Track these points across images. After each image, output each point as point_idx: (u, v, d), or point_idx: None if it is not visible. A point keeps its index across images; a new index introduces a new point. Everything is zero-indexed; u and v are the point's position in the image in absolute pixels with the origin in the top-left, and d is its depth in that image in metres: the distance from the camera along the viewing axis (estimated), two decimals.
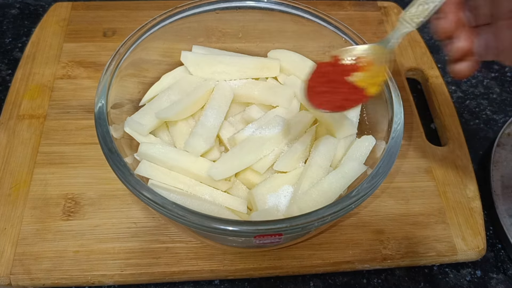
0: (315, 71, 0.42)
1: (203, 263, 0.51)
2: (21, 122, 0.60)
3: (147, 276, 0.50)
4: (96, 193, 0.55)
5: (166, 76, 0.57)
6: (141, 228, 0.52)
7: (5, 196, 0.54)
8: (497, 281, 0.55)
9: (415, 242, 0.54)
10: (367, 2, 0.79)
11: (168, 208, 0.40)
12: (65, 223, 0.52)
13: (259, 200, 0.47)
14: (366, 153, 0.51)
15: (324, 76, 0.41)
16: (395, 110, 0.48)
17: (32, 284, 0.49)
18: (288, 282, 0.53)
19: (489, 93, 0.73)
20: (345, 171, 0.49)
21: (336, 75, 0.41)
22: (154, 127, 0.52)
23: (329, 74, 0.42)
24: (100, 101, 0.46)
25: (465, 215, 0.56)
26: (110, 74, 0.48)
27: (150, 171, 0.49)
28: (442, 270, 0.55)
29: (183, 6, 0.55)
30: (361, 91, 0.41)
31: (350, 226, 0.54)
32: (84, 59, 0.67)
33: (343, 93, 0.41)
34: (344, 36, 0.55)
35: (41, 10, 0.78)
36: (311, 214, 0.40)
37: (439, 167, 0.60)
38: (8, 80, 0.68)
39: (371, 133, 0.52)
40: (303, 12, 0.56)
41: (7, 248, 0.50)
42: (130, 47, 0.51)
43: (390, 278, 0.54)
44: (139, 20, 0.71)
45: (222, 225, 0.39)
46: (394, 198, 0.57)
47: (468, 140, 0.63)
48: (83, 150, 0.58)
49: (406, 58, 0.71)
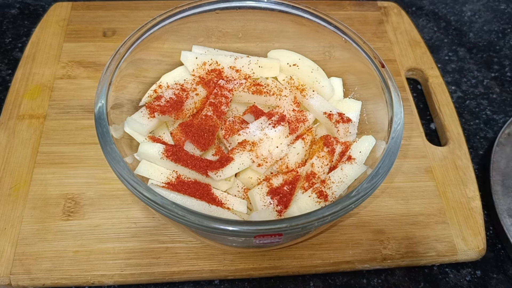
0: None
1: (203, 263, 0.51)
2: (21, 122, 0.60)
3: (147, 276, 0.50)
4: (96, 193, 0.55)
5: (166, 76, 0.57)
6: (141, 228, 0.52)
7: (5, 196, 0.54)
8: (497, 281, 0.55)
9: (415, 242, 0.54)
10: (367, 2, 0.79)
11: (168, 208, 0.40)
12: (65, 223, 0.52)
13: (259, 200, 0.47)
14: (366, 153, 0.51)
15: None
16: (395, 110, 0.48)
17: (32, 284, 0.49)
18: (288, 282, 0.53)
19: (489, 93, 0.73)
20: (345, 171, 0.49)
21: None
22: (154, 127, 0.52)
23: None
24: (100, 101, 0.46)
25: (465, 215, 0.56)
26: (110, 74, 0.48)
27: (150, 171, 0.49)
28: (442, 270, 0.55)
29: (183, 6, 0.55)
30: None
31: (350, 226, 0.54)
32: (84, 59, 0.67)
33: None
34: (344, 36, 0.55)
35: (41, 10, 0.78)
36: (311, 214, 0.40)
37: (439, 167, 0.60)
38: (8, 80, 0.68)
39: (371, 133, 0.52)
40: (303, 12, 0.56)
41: (7, 248, 0.50)
42: (130, 47, 0.51)
43: (390, 278, 0.54)
44: (139, 20, 0.71)
45: (222, 225, 0.39)
46: (394, 198, 0.57)
47: (468, 140, 0.63)
48: (83, 150, 0.58)
49: (406, 58, 0.71)
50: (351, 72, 0.57)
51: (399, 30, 0.75)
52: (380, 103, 0.51)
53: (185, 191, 0.48)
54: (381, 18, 0.76)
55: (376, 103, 0.52)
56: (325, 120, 0.53)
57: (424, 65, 0.71)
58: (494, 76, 0.75)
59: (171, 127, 0.54)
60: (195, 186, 0.48)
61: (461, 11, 0.85)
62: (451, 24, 0.82)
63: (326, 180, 0.49)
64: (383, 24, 0.75)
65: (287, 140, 0.51)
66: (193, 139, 0.50)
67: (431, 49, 0.74)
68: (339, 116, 0.53)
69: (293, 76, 0.57)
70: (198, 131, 0.50)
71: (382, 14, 0.77)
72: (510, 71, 0.76)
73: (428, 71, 0.70)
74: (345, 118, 0.53)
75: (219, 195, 0.49)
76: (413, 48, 0.73)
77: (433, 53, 0.74)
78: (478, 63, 0.76)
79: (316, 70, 0.57)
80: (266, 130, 0.50)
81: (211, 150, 0.51)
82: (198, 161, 0.48)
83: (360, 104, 0.56)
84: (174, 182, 0.48)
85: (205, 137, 0.50)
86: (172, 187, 0.48)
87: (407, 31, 0.75)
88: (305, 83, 0.56)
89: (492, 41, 0.80)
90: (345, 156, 0.51)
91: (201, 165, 0.48)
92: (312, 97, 0.54)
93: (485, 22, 0.83)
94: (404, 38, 0.74)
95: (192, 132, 0.51)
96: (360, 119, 0.55)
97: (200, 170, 0.48)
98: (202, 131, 0.50)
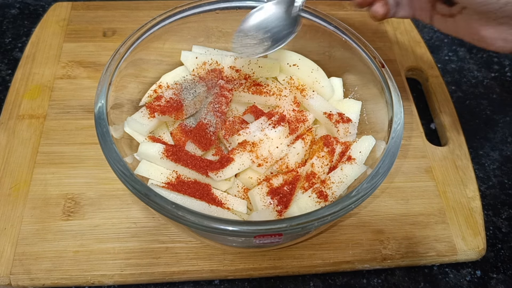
0: None
1: (203, 263, 0.51)
2: (21, 122, 0.60)
3: (147, 276, 0.50)
4: (96, 193, 0.55)
5: (166, 76, 0.57)
6: (141, 228, 0.52)
7: (5, 196, 0.54)
8: (497, 281, 0.55)
9: (415, 242, 0.54)
10: None
11: (168, 208, 0.40)
12: (65, 223, 0.52)
13: (259, 200, 0.47)
14: (366, 153, 0.51)
15: None
16: (395, 110, 0.48)
17: (32, 284, 0.49)
18: (288, 282, 0.53)
19: (489, 93, 0.73)
20: (345, 171, 0.49)
21: None
22: (154, 127, 0.52)
23: None
24: (100, 101, 0.46)
25: (465, 215, 0.56)
26: (110, 74, 0.48)
27: (150, 171, 0.49)
28: (442, 270, 0.55)
29: (183, 6, 0.55)
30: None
31: (350, 226, 0.54)
32: (84, 59, 0.67)
33: None
34: (344, 36, 0.55)
35: (41, 10, 0.78)
36: (311, 214, 0.40)
37: (439, 167, 0.60)
38: (8, 80, 0.68)
39: (371, 133, 0.52)
40: (303, 12, 0.56)
41: (7, 248, 0.50)
42: (130, 47, 0.51)
43: (390, 278, 0.54)
44: (139, 20, 0.71)
45: (222, 225, 0.39)
46: (394, 198, 0.57)
47: (468, 140, 0.63)
48: (83, 150, 0.58)
49: (406, 58, 0.71)
50: (351, 72, 0.57)
51: (399, 30, 0.75)
52: (380, 103, 0.51)
53: (185, 191, 0.48)
54: None
55: (376, 103, 0.52)
56: (325, 120, 0.53)
57: (424, 65, 0.71)
58: (494, 76, 0.75)
59: (171, 127, 0.54)
60: (195, 186, 0.48)
61: None
62: None
63: (326, 180, 0.49)
64: (383, 24, 0.75)
65: (287, 140, 0.51)
66: (194, 139, 0.50)
67: (431, 49, 0.74)
68: (339, 116, 0.53)
69: (293, 76, 0.57)
70: (198, 131, 0.50)
71: None
72: (510, 71, 0.76)
73: (428, 71, 0.70)
74: (345, 118, 0.53)
75: (219, 195, 0.49)
76: (413, 48, 0.73)
77: (433, 53, 0.74)
78: (478, 63, 0.76)
79: (316, 70, 0.57)
80: (266, 130, 0.50)
81: (211, 150, 0.51)
82: (198, 161, 0.48)
83: (360, 104, 0.56)
84: (174, 182, 0.48)
85: (206, 137, 0.50)
86: (172, 187, 0.48)
87: (407, 31, 0.75)
88: (305, 83, 0.56)
89: None
90: (345, 156, 0.51)
91: (201, 165, 0.48)
92: (312, 97, 0.54)
93: None
94: (404, 38, 0.74)
95: (192, 132, 0.51)
96: (360, 119, 0.55)
97: (200, 170, 0.48)
98: (203, 131, 0.50)
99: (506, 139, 0.67)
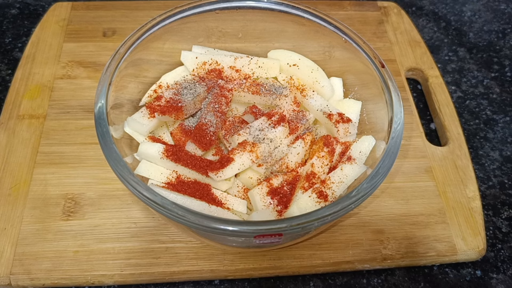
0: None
1: (203, 263, 0.51)
2: (21, 122, 0.60)
3: (147, 276, 0.50)
4: (96, 193, 0.55)
5: (166, 76, 0.57)
6: (141, 228, 0.52)
7: (5, 196, 0.54)
8: (497, 281, 0.55)
9: (415, 242, 0.54)
10: (367, 2, 0.79)
11: (168, 208, 0.40)
12: (65, 223, 0.52)
13: (259, 200, 0.47)
14: (366, 153, 0.51)
15: None
16: (395, 110, 0.48)
17: (32, 284, 0.49)
18: (288, 282, 0.53)
19: (489, 93, 0.73)
20: (345, 171, 0.49)
21: None
22: (154, 127, 0.52)
23: None
24: (100, 101, 0.46)
25: (465, 215, 0.56)
26: (110, 74, 0.48)
27: (150, 171, 0.49)
28: (442, 270, 0.55)
29: (183, 6, 0.55)
30: None
31: (350, 226, 0.54)
32: (84, 59, 0.67)
33: None
34: (344, 36, 0.55)
35: (41, 10, 0.78)
36: (311, 214, 0.40)
37: (439, 167, 0.60)
38: (8, 80, 0.68)
39: (371, 133, 0.52)
40: (303, 12, 0.56)
41: (7, 248, 0.50)
42: (130, 47, 0.51)
43: (390, 278, 0.54)
44: (139, 20, 0.71)
45: (222, 225, 0.39)
46: (394, 198, 0.57)
47: (468, 140, 0.63)
48: (83, 150, 0.58)
49: (406, 58, 0.71)
50: (351, 72, 0.57)
51: (399, 30, 0.75)
52: (380, 103, 0.51)
53: (185, 191, 0.48)
54: (381, 18, 0.76)
55: (376, 103, 0.52)
56: (325, 120, 0.53)
57: (424, 65, 0.71)
58: (494, 76, 0.75)
59: (171, 127, 0.54)
60: (195, 186, 0.48)
61: (461, 11, 0.85)
62: (451, 24, 0.82)
63: (326, 180, 0.49)
64: (383, 24, 0.75)
65: (287, 140, 0.51)
66: (194, 139, 0.50)
67: (431, 49, 0.74)
68: (339, 116, 0.53)
69: (293, 76, 0.57)
70: (198, 131, 0.50)
71: (382, 14, 0.77)
72: (510, 71, 0.76)
73: (428, 71, 0.70)
74: (345, 118, 0.53)
75: (219, 195, 0.49)
76: (413, 48, 0.73)
77: (433, 53, 0.74)
78: (478, 63, 0.76)
79: (316, 70, 0.57)
80: (266, 130, 0.50)
81: (211, 150, 0.51)
82: (198, 161, 0.48)
83: (360, 104, 0.56)
84: (174, 182, 0.48)
85: (206, 137, 0.50)
86: (172, 187, 0.48)
87: (407, 31, 0.75)
88: (305, 83, 0.56)
89: (492, 41, 0.80)
90: (345, 156, 0.51)
91: (201, 165, 0.48)
92: (312, 97, 0.54)
93: (485, 22, 0.83)
94: (404, 38, 0.74)
95: (192, 132, 0.51)
96: (360, 119, 0.55)
97: (200, 170, 0.48)
98: (203, 131, 0.50)
99: (506, 139, 0.67)
